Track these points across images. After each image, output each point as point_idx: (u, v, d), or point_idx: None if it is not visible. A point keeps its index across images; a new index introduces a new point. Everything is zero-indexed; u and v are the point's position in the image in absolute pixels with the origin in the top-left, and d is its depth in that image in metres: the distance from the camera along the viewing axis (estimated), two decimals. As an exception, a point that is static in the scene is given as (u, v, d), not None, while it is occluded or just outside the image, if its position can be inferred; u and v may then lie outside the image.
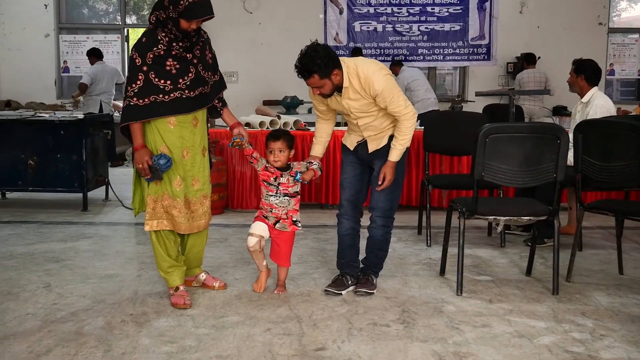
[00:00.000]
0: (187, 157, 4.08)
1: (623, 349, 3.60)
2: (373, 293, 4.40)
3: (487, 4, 11.51)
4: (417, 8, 11.48)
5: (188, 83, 3.97)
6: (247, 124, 7.75)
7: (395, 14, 11.46)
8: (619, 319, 4.08)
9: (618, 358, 3.48)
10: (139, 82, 3.87)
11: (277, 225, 4.37)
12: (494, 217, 4.63)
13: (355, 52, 10.65)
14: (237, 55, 11.58)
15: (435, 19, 11.52)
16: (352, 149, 4.52)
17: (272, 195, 4.34)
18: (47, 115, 7.71)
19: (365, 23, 11.43)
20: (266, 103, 10.68)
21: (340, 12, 11.36)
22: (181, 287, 4.20)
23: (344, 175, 4.56)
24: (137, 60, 3.88)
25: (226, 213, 7.35)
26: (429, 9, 11.50)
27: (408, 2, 11.46)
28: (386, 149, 4.33)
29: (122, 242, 6.06)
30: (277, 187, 4.33)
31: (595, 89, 6.01)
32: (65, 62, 11.88)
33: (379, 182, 4.28)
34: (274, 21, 11.29)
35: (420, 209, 6.34)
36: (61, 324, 3.93)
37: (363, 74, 4.11)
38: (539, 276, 4.95)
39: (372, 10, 11.39)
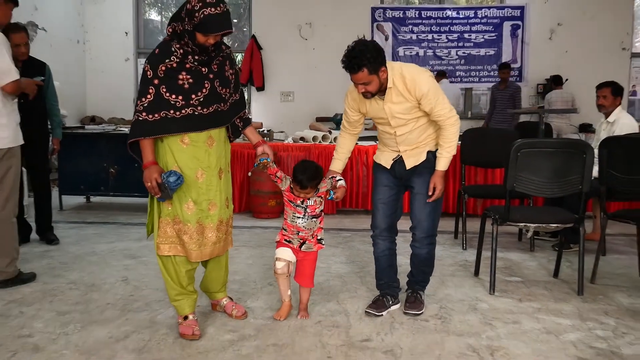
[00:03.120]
0: (202, 179, 3.43)
1: (643, 345, 3.55)
2: (422, 313, 3.93)
3: (519, 31, 11.42)
4: (456, 35, 11.44)
5: (202, 99, 3.34)
6: (302, 138, 7.80)
7: (436, 40, 11.43)
8: (639, 318, 4.02)
9: (638, 354, 3.43)
10: (149, 97, 3.27)
11: (303, 247, 3.81)
12: (524, 224, 4.60)
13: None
14: (293, 77, 11.65)
15: (471, 44, 11.46)
16: (388, 167, 3.97)
17: (299, 218, 3.75)
18: (126, 129, 7.79)
19: (409, 48, 11.42)
20: (319, 120, 10.71)
21: (386, 39, 11.37)
22: (190, 317, 3.60)
23: (377, 196, 4.03)
24: (148, 73, 3.28)
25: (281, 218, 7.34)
26: (466, 35, 11.45)
27: (447, 30, 11.42)
28: (425, 165, 3.86)
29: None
30: (305, 209, 3.73)
31: (619, 108, 5.97)
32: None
33: (429, 193, 3.80)
34: (326, 47, 11.31)
35: (457, 215, 6.34)
36: (137, 313, 4.00)
37: (409, 74, 3.63)
38: (566, 278, 4.89)
39: (414, 37, 11.38)
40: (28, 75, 5.04)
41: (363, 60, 3.45)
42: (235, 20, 12.49)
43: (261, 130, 8.47)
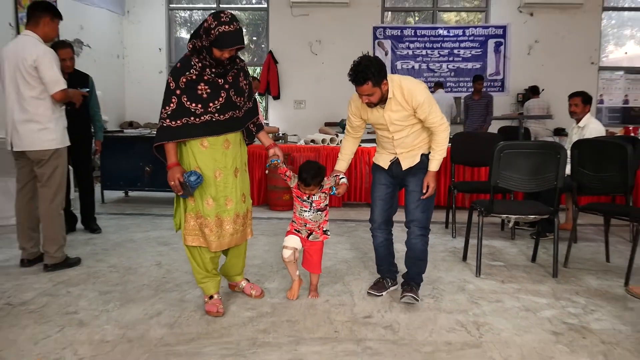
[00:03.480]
0: (220, 177, 3.41)
1: (609, 321, 3.53)
2: (418, 301, 3.77)
3: (502, 47, 11.38)
4: (446, 50, 11.40)
5: (218, 107, 3.33)
6: (313, 141, 7.80)
7: (429, 55, 11.40)
8: (605, 297, 4.00)
9: (605, 328, 3.42)
10: (172, 105, 3.28)
11: (310, 237, 3.80)
12: (506, 215, 4.59)
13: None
14: (305, 87, 11.64)
15: (460, 59, 11.42)
16: (386, 168, 3.91)
17: (306, 211, 3.74)
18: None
19: (406, 62, 11.40)
20: (327, 124, 10.70)
21: (386, 54, 11.34)
22: (215, 296, 3.62)
23: (376, 194, 3.98)
24: (171, 85, 3.29)
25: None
26: (455, 51, 11.41)
27: (439, 46, 11.38)
28: (419, 166, 3.80)
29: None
30: (311, 203, 3.73)
31: (589, 114, 5.97)
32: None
33: (423, 191, 3.74)
34: (333, 61, 11.30)
35: (448, 208, 6.31)
36: (168, 292, 4.01)
37: (406, 86, 3.60)
38: (542, 262, 4.88)
39: (410, 52, 11.35)
40: (73, 86, 5.08)
41: (368, 74, 3.44)
42: (254, 38, 12.49)
43: (277, 133, 8.46)
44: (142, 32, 11.70)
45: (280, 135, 8.45)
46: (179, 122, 3.28)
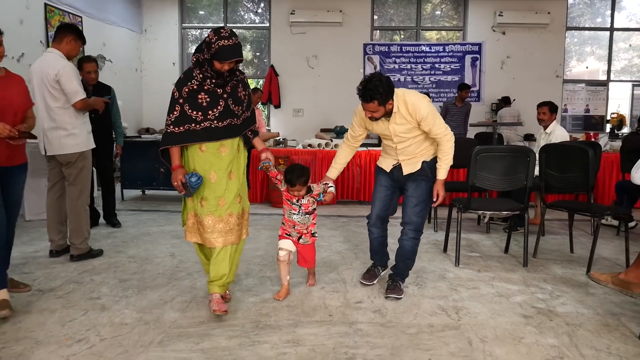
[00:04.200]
0: (214, 179, 3.26)
1: (572, 305, 3.55)
2: (401, 298, 3.66)
3: (478, 62, 11.37)
4: (428, 65, 11.38)
5: (217, 115, 3.22)
6: (310, 145, 7.79)
7: (413, 69, 11.37)
8: (570, 284, 4.00)
9: (569, 312, 3.43)
10: (175, 113, 3.20)
11: (301, 240, 3.67)
12: (482, 211, 4.58)
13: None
14: (303, 97, 11.61)
15: (441, 72, 11.40)
16: (388, 171, 3.79)
17: (295, 214, 3.59)
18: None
19: (392, 75, 11.36)
20: (323, 130, 10.68)
21: (375, 68, 11.32)
22: (218, 295, 3.37)
23: (377, 194, 3.84)
24: (175, 94, 3.22)
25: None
26: (436, 65, 11.39)
27: (422, 61, 11.36)
28: (419, 173, 3.67)
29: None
30: (300, 206, 3.58)
31: (555, 122, 5.97)
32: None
33: (434, 199, 3.63)
34: (328, 74, 11.30)
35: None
36: (181, 281, 4.01)
37: (410, 101, 3.45)
38: (514, 253, 4.88)
39: (397, 66, 11.32)
40: (97, 95, 5.11)
41: (376, 94, 3.29)
42: (257, 53, 12.44)
43: (278, 138, 8.45)
44: (157, 48, 11.66)
45: (281, 140, 8.43)
46: (181, 128, 3.20)
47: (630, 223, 5.80)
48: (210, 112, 3.21)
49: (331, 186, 3.70)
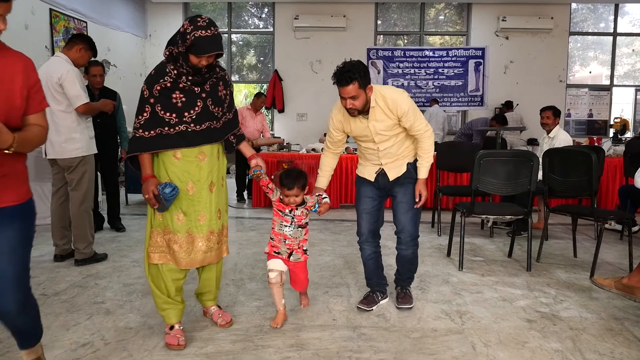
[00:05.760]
0: (192, 191, 2.85)
1: (576, 310, 3.53)
2: (413, 306, 3.54)
3: (481, 67, 11.37)
4: (432, 69, 11.38)
5: (194, 117, 2.80)
6: (313, 149, 7.80)
7: (417, 74, 11.37)
8: (573, 289, 3.99)
9: (572, 316, 3.41)
10: (145, 115, 2.77)
11: (292, 257, 3.20)
12: (485, 216, 4.58)
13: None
14: (307, 101, 11.65)
15: (444, 77, 11.40)
16: (372, 180, 3.46)
17: (287, 226, 3.15)
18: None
19: (396, 80, 11.37)
20: (326, 135, 10.71)
21: (378, 72, 11.33)
22: (176, 326, 2.99)
23: (362, 207, 3.50)
24: (145, 93, 2.78)
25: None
26: (440, 70, 11.39)
27: (425, 66, 11.37)
28: (406, 175, 3.40)
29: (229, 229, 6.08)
30: (292, 218, 3.15)
31: (558, 126, 5.97)
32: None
33: (416, 200, 3.37)
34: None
35: (434, 209, 6.31)
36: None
37: (389, 95, 3.18)
38: (517, 258, 4.87)
39: (400, 71, 11.33)
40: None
41: (354, 74, 3.02)
42: (262, 58, 12.49)
43: (282, 143, 8.46)
44: (161, 53, 11.65)
45: (285, 144, 8.44)
46: (152, 132, 2.77)
47: (634, 227, 5.79)
48: (186, 113, 2.80)
49: (325, 197, 3.32)
